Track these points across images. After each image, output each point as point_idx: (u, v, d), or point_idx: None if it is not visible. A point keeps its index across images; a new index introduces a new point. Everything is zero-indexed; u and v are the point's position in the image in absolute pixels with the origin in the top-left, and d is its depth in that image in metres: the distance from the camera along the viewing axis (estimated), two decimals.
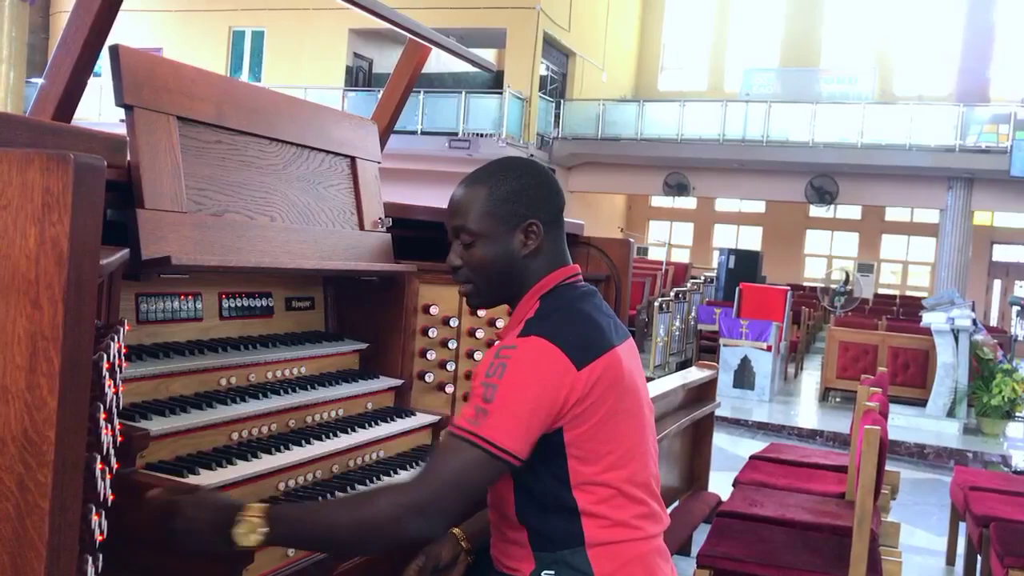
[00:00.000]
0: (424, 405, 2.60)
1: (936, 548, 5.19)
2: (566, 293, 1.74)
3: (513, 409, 1.57)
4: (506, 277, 1.75)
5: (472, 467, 1.57)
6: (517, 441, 1.58)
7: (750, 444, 7.42)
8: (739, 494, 4.17)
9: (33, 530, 1.01)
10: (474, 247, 1.75)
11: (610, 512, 1.66)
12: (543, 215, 1.75)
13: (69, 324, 1.02)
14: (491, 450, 1.56)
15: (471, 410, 1.60)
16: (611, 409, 1.66)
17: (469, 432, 1.58)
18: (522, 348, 1.62)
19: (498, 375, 1.59)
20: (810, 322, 14.62)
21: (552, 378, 1.59)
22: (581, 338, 1.65)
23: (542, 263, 1.76)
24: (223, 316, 2.26)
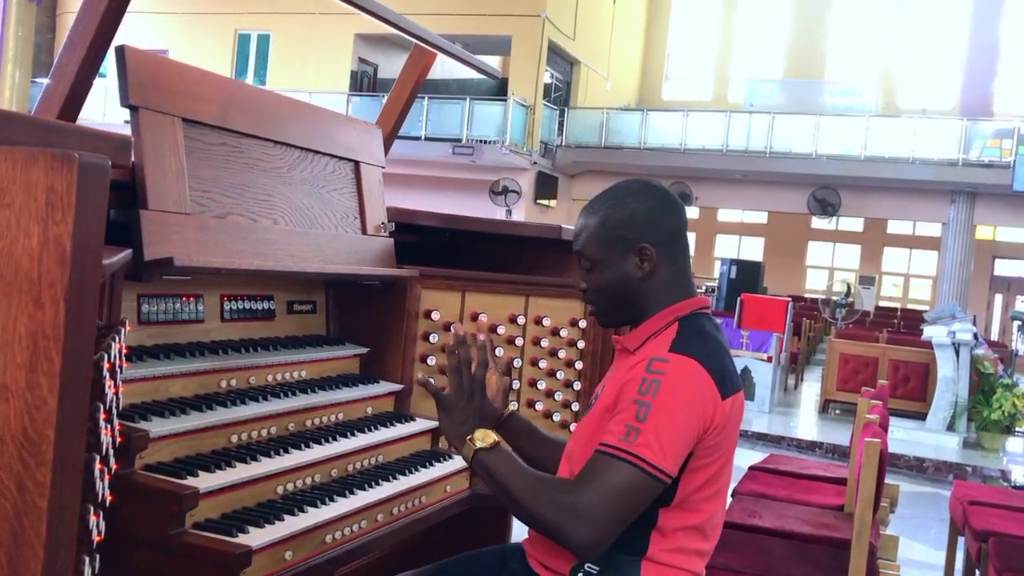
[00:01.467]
0: (424, 410, 2.60)
1: (935, 562, 5.17)
2: (704, 322, 1.78)
3: (666, 428, 1.59)
4: (627, 300, 1.80)
5: (626, 485, 1.58)
6: (669, 459, 1.59)
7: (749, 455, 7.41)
8: (738, 505, 4.16)
9: (31, 529, 1.01)
10: (593, 272, 1.81)
11: (682, 538, 1.68)
12: (657, 238, 1.78)
13: (71, 324, 1.02)
14: (645, 468, 1.57)
15: (621, 427, 1.61)
16: (730, 446, 1.70)
17: (624, 450, 1.59)
18: (676, 364, 1.64)
19: (652, 393, 1.61)
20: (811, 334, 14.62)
21: (702, 401, 1.62)
22: (725, 369, 1.69)
23: (663, 285, 1.79)
24: (224, 318, 2.26)
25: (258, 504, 1.88)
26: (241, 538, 1.70)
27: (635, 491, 1.58)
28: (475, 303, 2.74)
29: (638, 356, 1.72)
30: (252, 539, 1.70)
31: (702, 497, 1.67)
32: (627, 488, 1.58)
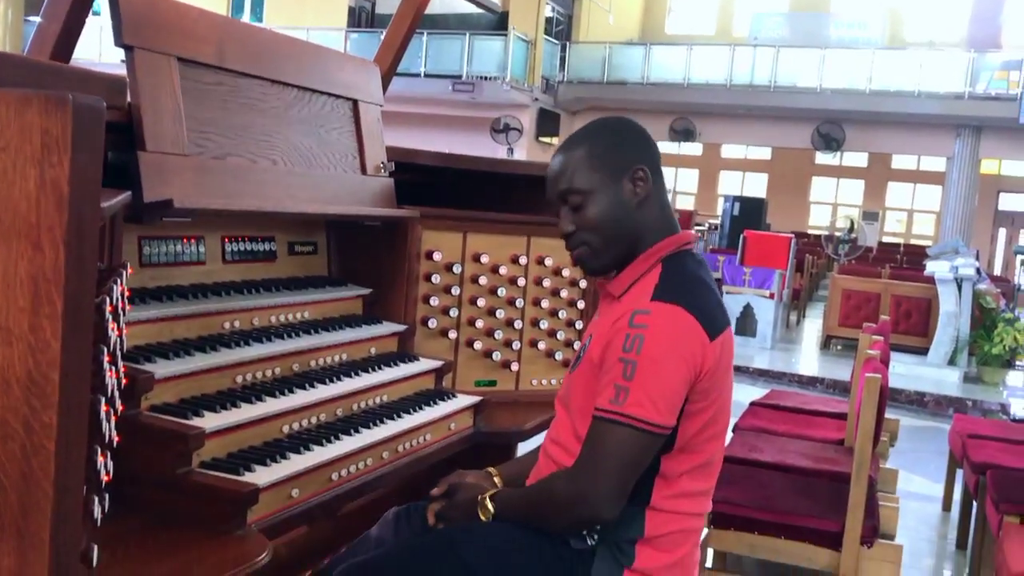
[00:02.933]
0: (427, 351, 2.61)
1: (933, 494, 5.25)
2: (688, 261, 1.73)
3: (655, 383, 1.58)
4: (622, 231, 1.73)
5: (627, 447, 1.58)
6: (663, 413, 1.59)
7: (751, 391, 7.46)
8: (739, 440, 4.21)
9: (39, 470, 1.02)
10: (584, 207, 1.73)
11: (686, 481, 1.68)
12: (647, 160, 1.74)
13: (71, 267, 1.02)
14: (639, 426, 1.57)
15: (611, 389, 1.60)
16: (725, 385, 1.69)
17: (616, 412, 1.59)
18: (658, 315, 1.61)
19: (636, 349, 1.58)
20: (813, 270, 14.61)
21: (690, 348, 1.60)
22: (711, 309, 1.66)
23: (655, 215, 1.74)
24: (226, 260, 2.26)
25: (264, 443, 1.90)
26: (248, 476, 1.72)
27: (634, 450, 1.59)
28: (476, 243, 2.74)
29: (622, 306, 1.69)
30: (259, 477, 1.73)
31: (703, 439, 1.67)
32: (626, 449, 1.58)
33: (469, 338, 2.73)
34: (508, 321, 2.78)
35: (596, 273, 1.81)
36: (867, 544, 3.13)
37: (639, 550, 1.66)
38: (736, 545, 3.28)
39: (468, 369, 2.74)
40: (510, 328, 2.79)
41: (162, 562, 1.51)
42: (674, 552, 1.69)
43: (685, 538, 1.71)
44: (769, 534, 3.22)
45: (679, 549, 1.70)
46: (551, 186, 1.77)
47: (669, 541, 1.68)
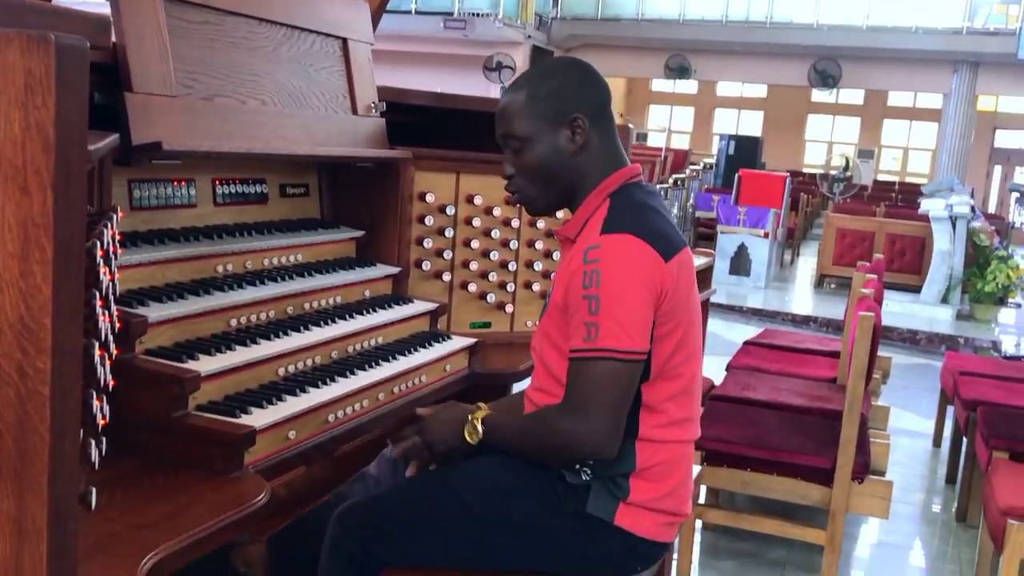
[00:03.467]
0: (421, 293, 2.61)
1: (924, 431, 5.31)
2: (635, 192, 1.75)
3: (622, 311, 1.59)
4: (558, 178, 1.75)
5: (612, 379, 1.60)
6: (636, 338, 1.61)
7: (744, 330, 7.50)
8: (732, 379, 4.24)
9: (35, 415, 1.02)
10: (523, 152, 1.75)
11: (671, 409, 1.71)
12: (586, 109, 1.74)
13: (60, 211, 1.01)
14: (618, 356, 1.59)
15: (581, 328, 1.61)
16: (690, 304, 1.70)
17: (591, 349, 1.60)
18: (609, 246, 1.63)
19: (595, 284, 1.60)
20: (808, 208, 14.58)
21: (646, 270, 1.62)
22: (663, 232, 1.67)
23: (594, 160, 1.75)
24: (217, 203, 2.24)
25: (260, 386, 1.91)
26: (244, 419, 1.73)
27: (619, 381, 1.60)
28: (470, 185, 2.72)
29: (577, 246, 1.71)
30: (255, 420, 1.73)
31: (677, 362, 1.69)
32: (610, 382, 1.60)
33: (463, 280, 2.72)
34: (502, 263, 2.78)
35: (536, 214, 1.88)
36: (858, 480, 3.17)
37: (633, 483, 1.68)
38: (729, 482, 3.33)
39: (463, 311, 2.74)
40: (504, 270, 2.79)
41: (160, 503, 1.53)
42: (667, 482, 1.72)
43: (676, 466, 1.73)
44: (761, 471, 3.27)
45: (671, 478, 1.72)
46: (496, 127, 1.79)
47: (661, 471, 1.70)
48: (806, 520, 3.39)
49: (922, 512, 4.24)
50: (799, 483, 3.24)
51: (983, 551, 3.47)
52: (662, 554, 1.77)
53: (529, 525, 1.67)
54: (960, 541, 3.89)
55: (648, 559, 1.74)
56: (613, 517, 1.67)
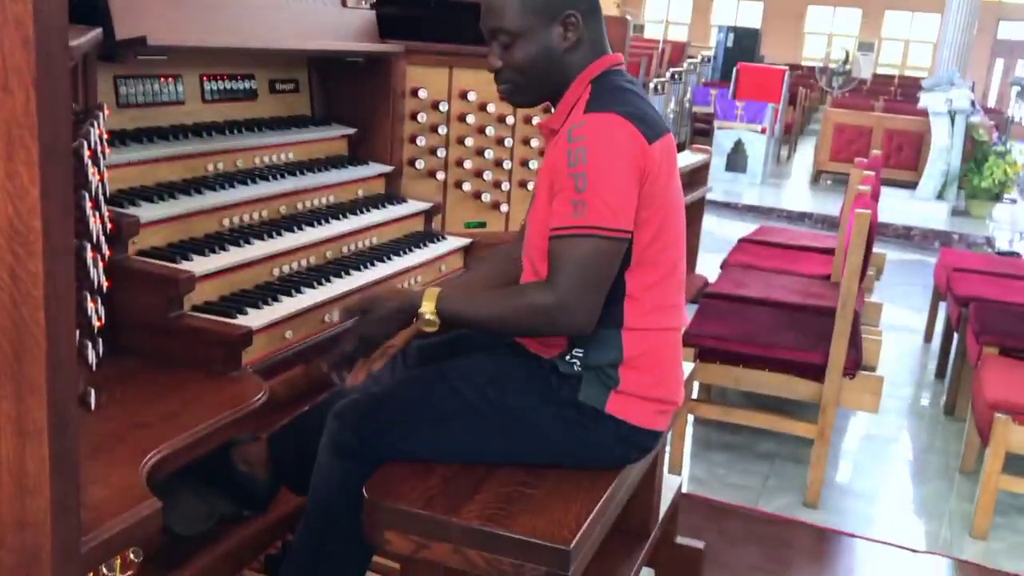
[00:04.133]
0: (415, 193, 2.58)
1: (915, 327, 5.37)
2: (616, 79, 1.73)
3: (607, 188, 1.58)
4: (548, 73, 1.73)
5: (597, 256, 1.59)
6: (621, 216, 1.60)
7: (740, 227, 7.50)
8: (726, 276, 4.25)
9: (30, 318, 1.02)
10: (513, 47, 1.71)
11: (654, 296, 1.70)
12: (580, 5, 1.71)
13: (43, 110, 0.98)
14: (603, 234, 1.58)
15: (567, 206, 1.59)
16: (671, 191, 1.69)
17: (578, 227, 1.58)
18: (593, 124, 1.61)
19: (581, 161, 1.58)
20: (806, 103, 14.38)
21: (631, 148, 1.60)
22: (646, 115, 1.66)
23: (583, 55, 1.73)
24: (205, 99, 2.20)
25: (255, 286, 1.91)
26: (241, 319, 1.73)
27: (601, 259, 1.60)
28: (463, 80, 2.66)
29: (561, 132, 1.68)
30: (252, 320, 1.74)
31: (657, 249, 1.69)
32: (593, 260, 1.59)
33: (457, 179, 2.69)
34: (497, 161, 2.74)
35: (521, 107, 1.84)
36: (849, 375, 3.22)
37: (622, 372, 1.70)
38: (721, 378, 3.38)
39: (457, 211, 2.72)
40: (499, 169, 2.76)
41: (160, 403, 1.54)
42: (655, 370, 1.73)
43: (663, 354, 1.75)
44: (754, 367, 3.31)
45: (660, 366, 1.74)
46: (483, 18, 1.74)
47: (648, 360, 1.72)
48: (796, 415, 3.45)
49: (911, 406, 4.32)
50: (791, 379, 3.28)
51: (969, 443, 3.55)
52: (655, 443, 1.80)
53: (525, 416, 1.69)
54: (947, 434, 3.97)
55: (641, 448, 1.77)
56: (604, 405, 1.70)
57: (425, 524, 1.52)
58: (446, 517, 1.52)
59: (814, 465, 3.21)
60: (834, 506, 3.23)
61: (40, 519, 1.06)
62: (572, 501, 1.60)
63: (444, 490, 1.60)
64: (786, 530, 3.02)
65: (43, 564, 1.08)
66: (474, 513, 1.53)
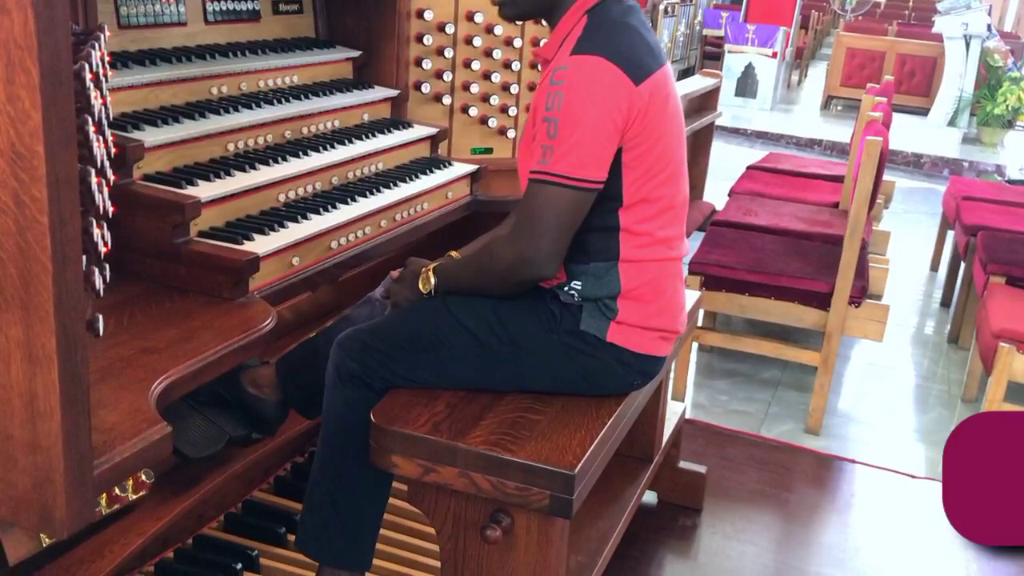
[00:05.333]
0: (421, 117, 2.55)
1: (922, 255, 5.35)
2: (612, 8, 1.68)
3: (579, 138, 1.56)
4: None
5: (557, 205, 1.58)
6: (590, 167, 1.58)
7: (749, 153, 7.43)
8: (734, 204, 4.22)
9: (36, 244, 1.02)
10: None
11: (652, 229, 1.69)
12: None
13: (42, 31, 0.96)
14: (568, 183, 1.57)
15: (539, 149, 1.59)
16: (664, 127, 1.66)
17: (543, 172, 1.58)
18: (576, 69, 1.57)
19: (556, 106, 1.56)
20: (818, 26, 14.11)
21: (613, 96, 1.57)
22: (636, 54, 1.62)
23: None
24: (208, 21, 2.16)
25: (261, 212, 1.90)
26: (247, 245, 1.73)
27: (563, 207, 1.59)
28: (471, 1, 2.60)
29: (551, 66, 1.65)
30: (258, 246, 1.73)
31: (653, 185, 1.67)
32: (554, 208, 1.58)
33: (464, 104, 2.66)
34: (504, 86, 2.70)
35: (510, 19, 1.81)
36: (855, 304, 3.22)
37: (621, 304, 1.70)
38: (727, 306, 3.38)
39: (464, 136, 2.69)
40: (506, 93, 2.71)
41: (168, 329, 1.55)
42: (655, 301, 1.73)
43: (662, 284, 1.74)
44: (760, 295, 3.31)
45: (659, 296, 1.74)
46: None
47: (647, 291, 1.72)
48: (801, 342, 3.46)
49: (915, 334, 4.33)
50: (796, 307, 3.28)
51: (972, 372, 3.56)
52: (658, 368, 1.80)
53: (527, 343, 1.70)
54: (950, 362, 3.99)
55: (644, 374, 1.78)
56: (605, 335, 1.70)
57: (431, 448, 1.54)
58: (452, 442, 1.53)
59: (817, 393, 3.23)
60: (835, 432, 3.27)
61: (52, 442, 1.08)
62: (576, 427, 1.61)
63: (450, 416, 1.61)
64: (787, 456, 3.06)
65: (56, 486, 1.10)
66: (480, 438, 1.54)
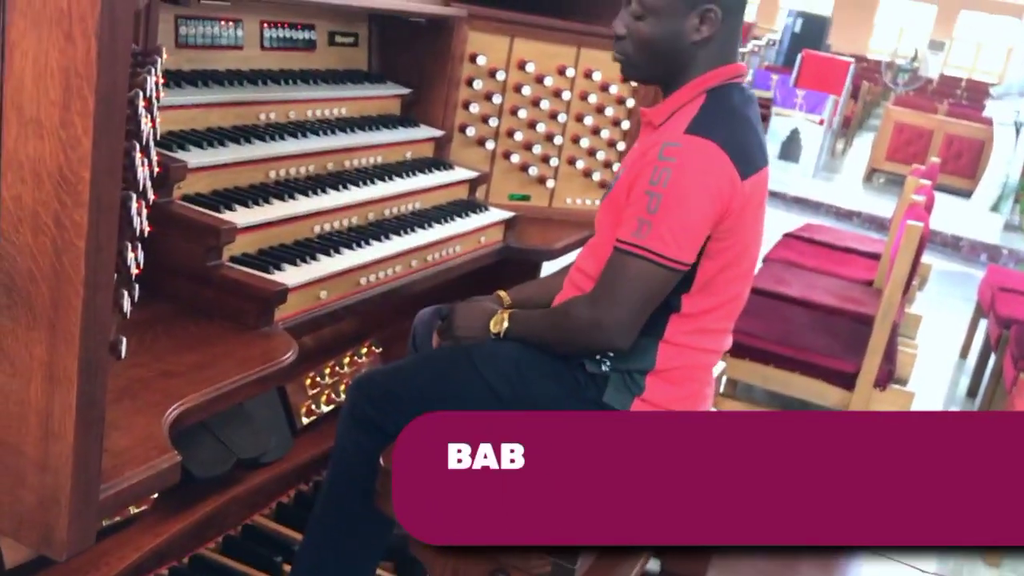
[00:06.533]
0: (463, 159, 2.56)
1: (953, 341, 5.27)
2: (734, 94, 1.66)
3: (678, 219, 1.55)
4: (668, 60, 1.66)
5: (643, 280, 1.57)
6: (683, 250, 1.57)
7: (786, 218, 7.39)
8: (767, 271, 4.20)
9: (70, 267, 1.02)
10: (642, 20, 1.65)
11: (704, 320, 1.67)
12: (724, 2, 1.63)
13: (103, 62, 0.98)
14: (658, 260, 1.56)
15: (634, 222, 1.57)
16: (753, 226, 1.65)
17: (634, 245, 1.57)
18: (688, 149, 1.56)
19: (663, 183, 1.54)
20: (868, 97, 14.08)
21: (719, 186, 1.56)
22: (747, 147, 1.61)
23: (711, 54, 1.66)
24: (264, 46, 2.19)
25: (294, 242, 1.91)
26: (277, 275, 1.74)
27: (650, 284, 1.58)
28: (523, 50, 2.62)
29: (658, 135, 1.63)
30: (288, 277, 1.74)
31: (725, 279, 1.65)
32: (643, 282, 1.57)
33: (506, 150, 2.67)
34: (548, 136, 2.71)
35: (629, 80, 1.84)
36: (880, 387, 3.17)
37: (649, 381, 1.68)
38: (750, 375, 3.35)
39: (503, 182, 2.69)
40: (549, 143, 2.72)
41: (190, 353, 1.55)
42: (684, 386, 1.71)
43: (696, 373, 1.72)
44: (784, 368, 3.27)
45: (689, 384, 1.71)
46: None
47: (679, 375, 1.69)
48: None
49: None
50: (820, 384, 3.24)
51: None
52: None
53: (546, 407, 1.68)
54: None
55: None
56: (628, 409, 1.68)
57: None
58: None
59: None
60: None
61: (62, 464, 1.08)
62: None
63: None
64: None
65: (61, 507, 1.10)
66: None
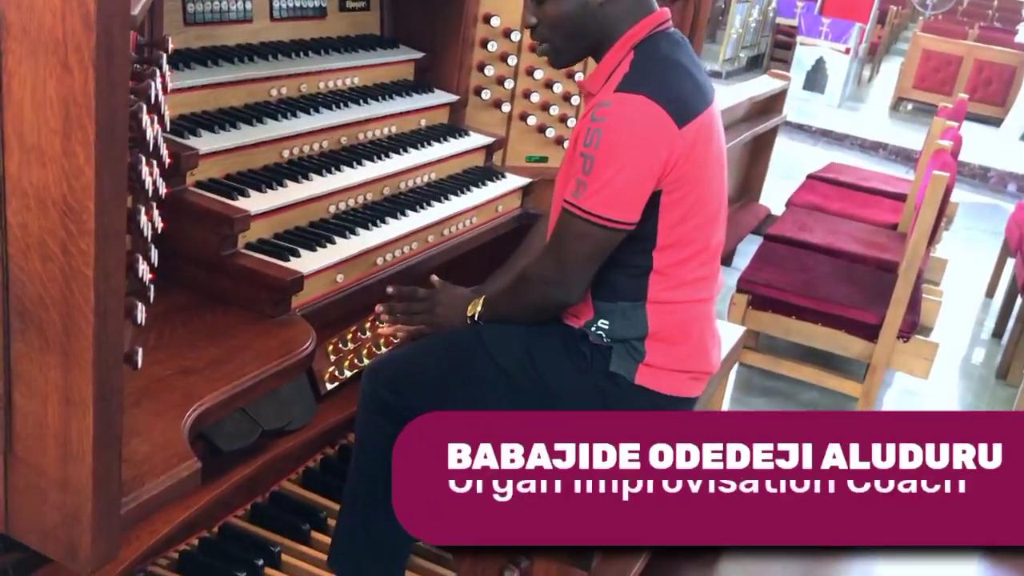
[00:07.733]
0: (479, 123, 2.52)
1: (979, 278, 5.21)
2: (661, 43, 1.64)
3: (611, 178, 1.54)
4: (585, 32, 1.64)
5: (583, 239, 1.58)
6: (621, 209, 1.56)
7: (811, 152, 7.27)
8: (790, 216, 4.14)
9: (79, 295, 1.02)
10: (546, 2, 1.63)
11: (682, 272, 1.67)
12: None
13: (101, 91, 0.96)
14: (595, 220, 1.56)
15: (573, 182, 1.58)
16: (706, 170, 1.63)
17: (573, 206, 1.58)
18: (618, 107, 1.54)
19: (595, 144, 1.54)
20: (896, 21, 13.70)
21: (653, 139, 1.54)
22: (682, 94, 1.58)
23: (624, 11, 1.63)
24: (274, 17, 2.15)
25: (309, 223, 1.90)
26: (293, 263, 1.73)
27: (590, 243, 1.58)
28: None
29: (595, 100, 1.62)
30: (304, 264, 1.73)
31: (690, 229, 1.64)
32: (582, 242, 1.58)
33: (523, 111, 2.62)
34: (565, 96, 2.66)
35: (561, 67, 1.77)
36: (904, 339, 3.15)
37: (648, 346, 1.68)
38: (771, 326, 3.33)
39: (520, 144, 2.65)
40: (566, 103, 2.67)
41: (208, 347, 1.56)
42: (683, 342, 1.70)
43: (692, 326, 1.71)
44: (806, 319, 3.25)
45: (688, 338, 1.71)
46: None
47: (675, 332, 1.69)
48: (843, 370, 3.40)
49: (962, 365, 4.23)
50: (843, 335, 3.23)
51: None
52: (690, 407, 1.78)
53: (558, 384, 1.69)
54: (996, 399, 3.90)
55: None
56: (634, 377, 1.68)
57: None
58: None
59: None
60: None
61: (82, 484, 1.09)
62: None
63: None
64: None
65: (83, 525, 1.11)
66: None
